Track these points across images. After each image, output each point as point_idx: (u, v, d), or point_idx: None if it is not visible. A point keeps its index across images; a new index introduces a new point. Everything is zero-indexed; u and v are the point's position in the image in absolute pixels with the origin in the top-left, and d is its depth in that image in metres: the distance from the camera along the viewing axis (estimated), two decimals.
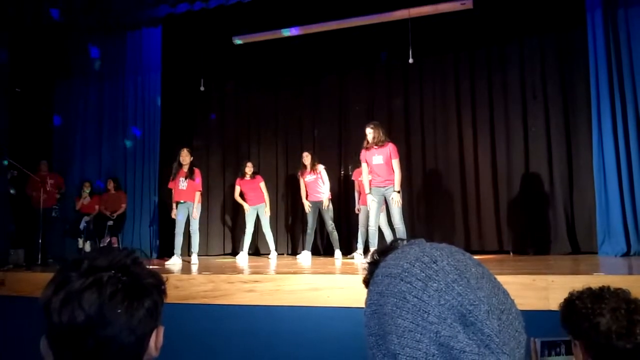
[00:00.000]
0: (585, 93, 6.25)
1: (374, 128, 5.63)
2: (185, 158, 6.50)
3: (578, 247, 6.52)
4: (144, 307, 0.78)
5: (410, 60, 6.62)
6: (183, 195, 6.46)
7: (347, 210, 7.67)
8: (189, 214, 6.47)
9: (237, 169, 8.37)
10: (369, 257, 0.76)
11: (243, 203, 7.15)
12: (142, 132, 7.72)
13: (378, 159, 5.55)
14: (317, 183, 6.85)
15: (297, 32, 7.51)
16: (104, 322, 0.74)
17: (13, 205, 7.08)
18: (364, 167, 5.68)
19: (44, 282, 0.79)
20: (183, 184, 6.45)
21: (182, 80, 8.32)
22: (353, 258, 6.53)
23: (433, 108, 7.66)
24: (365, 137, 5.68)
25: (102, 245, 7.02)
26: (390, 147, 5.57)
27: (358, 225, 6.74)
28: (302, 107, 8.37)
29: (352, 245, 7.07)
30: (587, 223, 6.44)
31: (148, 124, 7.70)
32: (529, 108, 7.00)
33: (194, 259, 6.38)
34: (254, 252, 7.86)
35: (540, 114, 6.92)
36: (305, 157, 6.96)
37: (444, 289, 0.59)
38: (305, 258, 6.68)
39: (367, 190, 5.67)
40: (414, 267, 0.62)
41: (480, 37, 7.29)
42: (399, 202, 5.40)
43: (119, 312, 0.75)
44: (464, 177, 7.38)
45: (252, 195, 7.12)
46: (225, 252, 8.47)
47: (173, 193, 6.57)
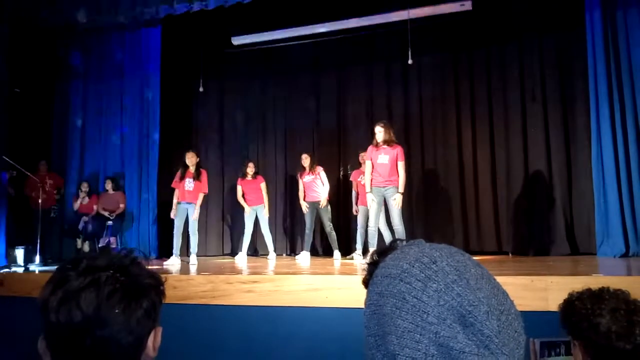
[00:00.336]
0: (584, 94, 6.25)
1: (384, 127, 5.60)
2: (192, 159, 6.59)
3: (577, 248, 6.53)
4: (142, 307, 0.78)
5: (410, 61, 6.63)
6: (188, 196, 6.51)
7: (346, 211, 7.66)
8: (188, 215, 6.48)
9: (235, 170, 8.37)
10: (368, 257, 0.76)
11: (244, 204, 7.15)
12: (139, 131, 7.71)
13: (384, 159, 5.52)
14: (314, 183, 6.86)
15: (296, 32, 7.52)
16: (102, 322, 0.74)
17: (12, 206, 7.06)
18: (368, 164, 5.63)
19: (43, 282, 0.79)
20: (190, 185, 6.51)
21: (181, 81, 8.32)
22: (352, 259, 6.54)
23: (432, 109, 7.66)
24: (374, 135, 5.65)
25: (100, 246, 7.02)
26: (399, 149, 5.56)
27: (357, 226, 6.76)
28: (300, 108, 8.37)
29: (351, 246, 7.07)
30: (586, 224, 6.44)
31: (147, 125, 7.69)
32: (528, 109, 7.00)
33: (193, 260, 6.39)
34: (253, 252, 7.85)
35: (539, 115, 6.92)
36: (305, 159, 6.96)
37: (444, 290, 0.59)
38: (304, 258, 6.68)
39: (367, 189, 5.62)
40: (414, 267, 0.62)
41: (479, 38, 7.30)
42: (400, 203, 5.39)
43: (117, 312, 0.75)
44: (463, 177, 7.38)
45: (252, 197, 7.12)
46: (224, 252, 8.47)
47: (177, 193, 6.59)
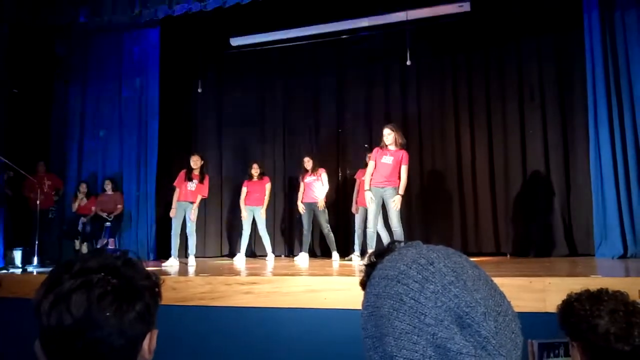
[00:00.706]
0: (582, 95, 6.26)
1: (392, 130, 5.59)
2: (197, 162, 6.61)
3: (575, 249, 6.53)
4: (135, 310, 0.77)
5: (408, 62, 6.64)
6: (188, 196, 6.52)
7: (345, 212, 7.66)
8: (186, 215, 6.48)
9: (234, 171, 8.38)
10: (366, 259, 0.76)
11: (243, 211, 7.12)
12: (137, 132, 7.71)
13: (387, 159, 5.52)
14: (314, 184, 6.85)
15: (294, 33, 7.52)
16: (93, 324, 0.73)
17: (10, 207, 7.05)
18: (371, 165, 5.63)
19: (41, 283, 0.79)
20: (192, 186, 6.54)
21: (180, 82, 8.32)
22: (350, 260, 6.53)
23: (431, 110, 7.67)
24: (382, 137, 5.63)
25: (97, 247, 7.01)
26: (404, 153, 5.56)
27: (355, 227, 6.76)
28: (300, 109, 8.37)
29: (349, 248, 7.06)
30: (584, 225, 6.45)
31: (146, 126, 7.68)
32: (527, 110, 7.02)
33: (191, 261, 6.38)
34: (251, 254, 7.84)
35: (538, 117, 6.94)
36: (307, 161, 6.95)
37: (441, 291, 0.59)
38: (303, 260, 6.68)
39: (366, 187, 5.60)
40: (411, 269, 0.62)
41: (478, 39, 7.31)
42: (398, 205, 5.39)
43: (108, 314, 0.74)
44: (462, 179, 7.39)
45: (254, 196, 7.11)
46: (222, 253, 8.46)
47: (177, 192, 6.59)
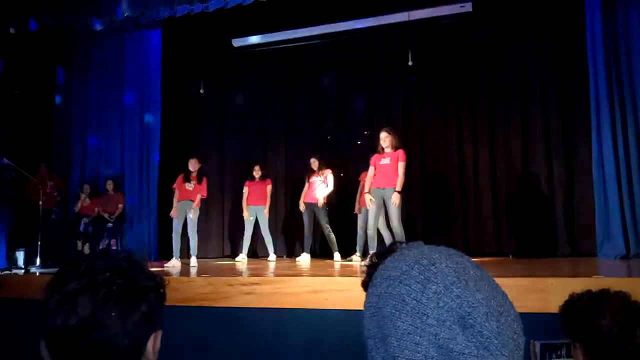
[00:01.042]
0: (584, 96, 6.24)
1: (389, 133, 5.67)
2: (195, 165, 6.65)
3: (577, 249, 6.52)
4: (140, 310, 0.77)
5: (410, 63, 6.63)
6: (188, 195, 6.54)
7: (346, 213, 7.65)
8: (187, 215, 6.49)
9: (236, 172, 8.38)
10: (368, 259, 0.76)
11: (245, 210, 7.15)
12: (139, 133, 7.71)
13: (386, 161, 5.63)
14: (318, 184, 6.84)
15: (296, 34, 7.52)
16: (98, 324, 0.73)
17: (12, 208, 7.06)
18: (371, 170, 5.72)
19: (43, 284, 0.79)
20: (190, 186, 6.57)
21: (182, 83, 8.33)
22: (351, 260, 6.53)
23: (432, 110, 7.66)
24: (379, 141, 5.70)
25: (101, 248, 7.02)
26: (400, 152, 5.64)
27: (357, 228, 6.74)
28: (301, 109, 8.37)
29: (351, 248, 7.05)
30: (586, 225, 6.42)
31: (148, 126, 7.70)
32: (528, 110, 7.01)
33: (193, 262, 6.38)
34: (252, 254, 7.84)
35: (539, 116, 6.92)
36: (313, 162, 6.96)
37: (443, 292, 0.59)
38: (304, 260, 6.67)
39: (366, 189, 5.69)
40: (413, 269, 0.62)
41: (479, 39, 7.29)
42: (397, 202, 5.41)
43: (113, 315, 0.74)
44: (463, 179, 7.38)
45: (255, 196, 7.14)
46: (224, 254, 8.46)
47: (177, 194, 6.60)
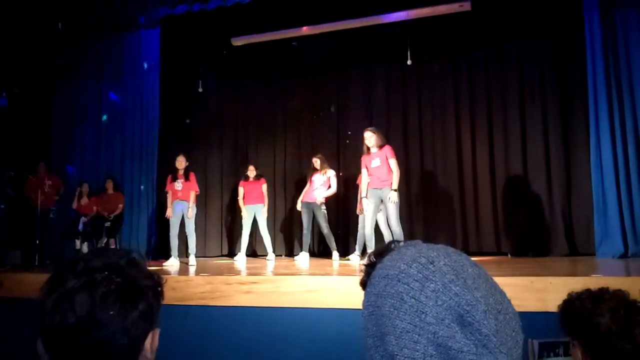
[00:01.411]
0: (583, 95, 6.25)
1: (374, 132, 5.71)
2: (182, 163, 6.61)
3: (576, 248, 6.53)
4: (138, 309, 0.77)
5: (409, 62, 6.64)
6: (180, 195, 6.54)
7: (345, 212, 7.67)
8: (183, 214, 6.49)
9: (234, 171, 8.37)
10: (366, 258, 0.76)
11: (243, 209, 7.15)
12: (138, 132, 7.71)
13: (376, 162, 5.64)
14: (318, 184, 6.84)
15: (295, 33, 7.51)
16: (96, 323, 0.73)
17: (11, 207, 7.06)
18: (364, 172, 5.75)
19: (41, 283, 0.78)
20: (178, 185, 6.57)
21: (180, 82, 8.32)
22: (349, 260, 6.53)
23: (431, 110, 7.66)
24: (364, 141, 5.72)
25: (99, 247, 7.01)
26: (386, 148, 5.66)
27: (356, 227, 6.74)
28: (300, 108, 8.36)
29: (349, 247, 7.06)
30: (585, 225, 6.44)
31: (147, 125, 7.69)
32: (527, 110, 7.01)
33: (192, 261, 6.38)
34: (251, 253, 7.84)
35: (538, 116, 6.93)
36: (315, 162, 6.96)
37: (441, 290, 0.59)
38: (303, 259, 6.68)
39: (363, 194, 5.73)
40: (411, 268, 0.62)
41: (478, 39, 7.29)
42: (395, 201, 5.42)
43: (112, 313, 0.74)
44: (462, 178, 7.38)
45: (252, 195, 7.14)
46: (223, 253, 8.46)
47: (170, 195, 6.61)
